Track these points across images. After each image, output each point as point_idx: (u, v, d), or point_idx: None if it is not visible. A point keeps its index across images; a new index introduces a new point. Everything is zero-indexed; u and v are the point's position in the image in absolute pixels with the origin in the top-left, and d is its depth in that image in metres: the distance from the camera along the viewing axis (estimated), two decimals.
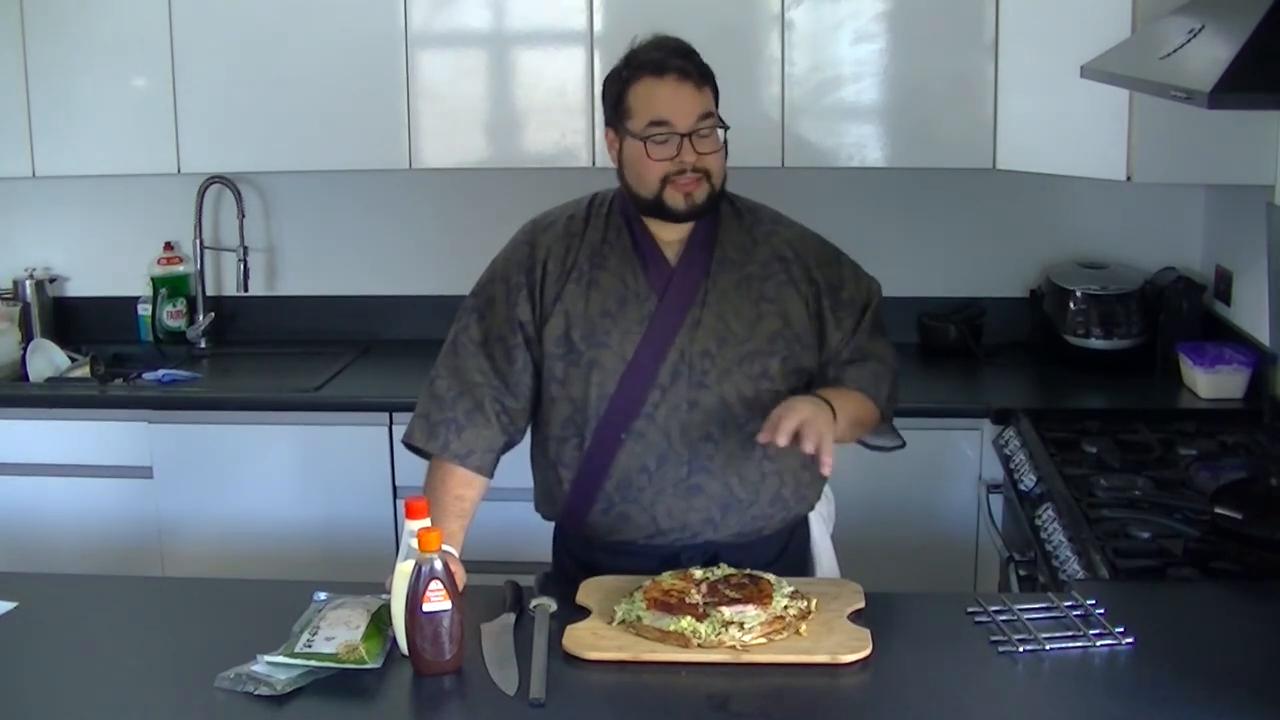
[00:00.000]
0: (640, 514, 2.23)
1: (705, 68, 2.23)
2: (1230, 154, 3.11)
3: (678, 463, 2.21)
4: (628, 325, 2.22)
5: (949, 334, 3.74)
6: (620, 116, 2.22)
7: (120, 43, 3.62)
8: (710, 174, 2.20)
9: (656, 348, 2.21)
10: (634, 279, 2.24)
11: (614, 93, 2.23)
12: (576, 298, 2.24)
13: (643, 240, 2.26)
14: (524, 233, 2.34)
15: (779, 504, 2.28)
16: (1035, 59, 3.31)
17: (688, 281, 2.24)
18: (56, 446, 3.53)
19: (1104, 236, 3.77)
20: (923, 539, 3.30)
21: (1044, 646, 1.90)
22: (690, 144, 2.17)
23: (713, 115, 2.20)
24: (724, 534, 2.24)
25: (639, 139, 2.18)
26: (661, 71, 2.18)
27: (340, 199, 4.00)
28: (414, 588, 1.85)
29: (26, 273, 4.05)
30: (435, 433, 2.26)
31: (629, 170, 2.23)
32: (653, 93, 2.18)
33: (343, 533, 3.42)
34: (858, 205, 3.84)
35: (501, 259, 2.34)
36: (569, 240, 2.28)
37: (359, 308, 4.03)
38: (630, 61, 2.23)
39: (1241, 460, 2.81)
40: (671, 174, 2.17)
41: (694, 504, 2.22)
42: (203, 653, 1.94)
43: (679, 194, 2.18)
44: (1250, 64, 1.95)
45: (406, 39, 3.55)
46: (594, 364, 2.22)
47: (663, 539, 2.24)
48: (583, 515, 2.28)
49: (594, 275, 2.25)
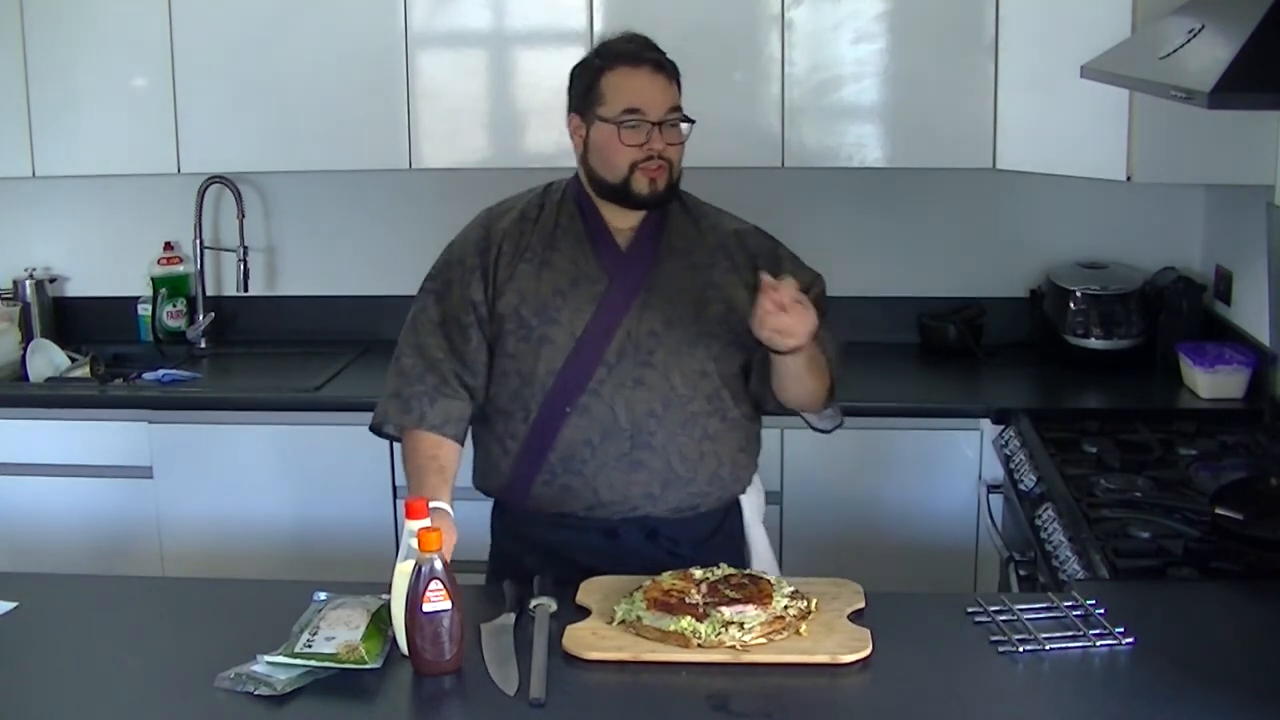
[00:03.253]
0: (582, 486, 2.30)
1: (674, 64, 2.34)
2: (1230, 154, 3.11)
3: (621, 438, 2.29)
4: (579, 304, 2.31)
5: (949, 334, 3.74)
6: (591, 103, 2.31)
7: (120, 43, 3.63)
8: (672, 164, 2.31)
9: (605, 326, 2.30)
10: (586, 261, 2.33)
11: (586, 80, 2.33)
12: (529, 276, 2.33)
13: (595, 226, 2.35)
14: (479, 218, 2.44)
15: (716, 482, 2.35)
16: (1035, 59, 3.31)
17: (637, 266, 2.34)
18: (56, 446, 3.53)
19: (1104, 236, 3.77)
20: (923, 539, 3.30)
21: (1044, 646, 1.90)
22: (659, 133, 2.28)
23: (680, 109, 2.31)
24: (662, 508, 2.31)
25: (612, 124, 2.27)
26: (638, 62, 2.29)
27: (340, 199, 4.00)
28: (414, 588, 1.85)
29: (26, 273, 4.05)
30: (409, 406, 2.33)
31: (596, 155, 2.32)
32: (628, 81, 2.28)
33: (343, 533, 3.42)
34: (858, 205, 3.84)
35: (458, 243, 2.43)
36: (523, 224, 2.37)
37: (359, 308, 4.03)
38: (603, 51, 2.34)
39: (1241, 460, 2.81)
40: (639, 161, 2.28)
41: (635, 478, 2.29)
42: (203, 653, 1.94)
43: (645, 179, 2.28)
44: (1250, 64, 1.96)
45: (406, 39, 3.55)
46: (544, 339, 2.30)
47: (603, 511, 2.31)
48: (525, 487, 2.34)
49: (547, 256, 2.34)
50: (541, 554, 2.32)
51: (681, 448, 2.30)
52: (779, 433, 3.33)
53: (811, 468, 3.35)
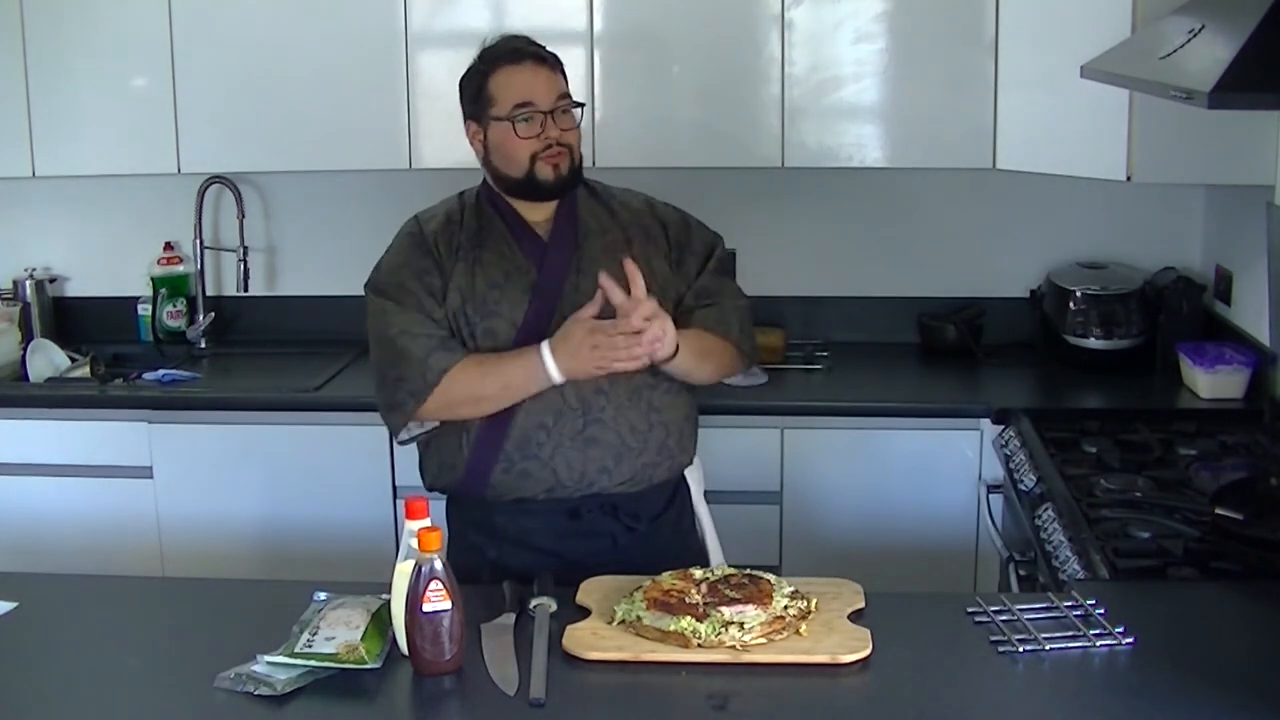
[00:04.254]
0: (540, 469, 2.37)
1: (555, 54, 2.45)
2: (1230, 154, 3.11)
3: (573, 417, 2.36)
4: (514, 295, 2.40)
5: (949, 334, 3.74)
6: (483, 106, 2.41)
7: (120, 43, 3.63)
8: (572, 149, 2.41)
9: (542, 313, 2.38)
10: (512, 254, 2.43)
11: (474, 86, 2.42)
12: (465, 274, 2.41)
13: (514, 222, 2.44)
14: (410, 225, 2.52)
15: (665, 452, 2.44)
16: (1035, 59, 3.31)
17: (561, 252, 2.43)
18: (56, 446, 3.53)
19: (1104, 236, 3.77)
20: (923, 539, 3.30)
21: (1044, 646, 1.90)
22: (553, 121, 2.37)
23: (568, 96, 2.42)
24: (617, 480, 2.39)
25: (505, 120, 2.37)
26: (519, 59, 2.41)
27: (340, 199, 4.00)
28: (414, 588, 1.85)
29: (26, 273, 4.05)
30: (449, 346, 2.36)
31: (497, 154, 2.41)
32: (513, 78, 2.39)
33: (343, 533, 3.42)
34: (858, 205, 3.84)
35: (394, 252, 2.49)
36: (451, 227, 2.46)
37: (359, 308, 3.96)
38: (485, 56, 2.44)
39: (1241, 460, 2.81)
40: (538, 151, 2.37)
41: (590, 454, 2.37)
42: (203, 653, 1.94)
43: (547, 166, 2.38)
44: (1250, 64, 1.96)
45: (406, 39, 3.55)
46: (488, 333, 2.38)
47: (562, 491, 2.37)
48: (483, 478, 2.39)
49: (477, 254, 2.42)
50: (501, 542, 2.41)
51: (631, 420, 2.38)
52: (779, 433, 3.33)
53: (811, 468, 3.35)
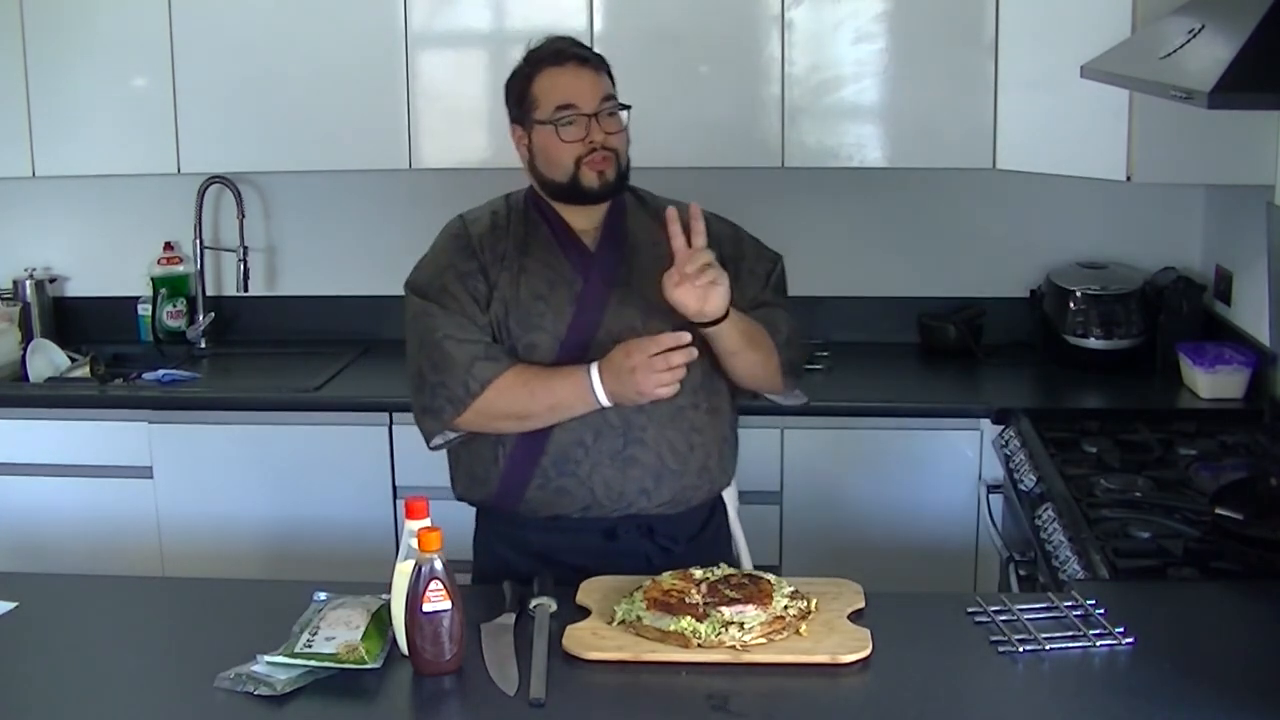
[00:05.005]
0: (578, 487, 2.30)
1: (600, 55, 2.37)
2: (1230, 154, 3.11)
3: (613, 435, 2.29)
4: (559, 306, 2.32)
5: (949, 334, 3.74)
6: (526, 110, 2.33)
7: (120, 43, 3.63)
8: (618, 153, 2.32)
9: (586, 327, 2.31)
10: (558, 263, 2.35)
11: (518, 89, 2.35)
12: (509, 284, 2.33)
13: (560, 230, 2.37)
14: (454, 226, 2.44)
15: (705, 475, 2.37)
16: (1035, 59, 3.31)
17: (607, 263, 2.35)
18: (56, 446, 3.53)
19: (1104, 236, 3.77)
20: (923, 539, 3.30)
21: (1044, 646, 1.90)
22: (597, 124, 2.29)
23: (614, 98, 2.33)
24: (656, 503, 2.32)
25: (548, 124, 2.29)
26: (561, 60, 2.32)
27: (340, 199, 4.00)
28: (414, 588, 1.85)
29: (26, 273, 4.05)
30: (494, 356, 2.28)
31: (541, 158, 2.34)
32: (556, 80, 2.31)
33: (343, 533, 3.42)
34: (858, 205, 3.84)
35: (438, 250, 2.42)
36: (497, 232, 2.38)
37: (359, 308, 4.03)
38: (529, 58, 2.35)
39: (1241, 460, 2.81)
40: (583, 155, 2.29)
41: (629, 474, 2.30)
42: (203, 653, 1.94)
43: (592, 172, 2.29)
44: (1250, 64, 1.95)
45: (406, 39, 3.55)
46: (531, 347, 2.31)
47: (599, 510, 2.31)
48: (517, 493, 2.34)
49: (522, 263, 2.34)
50: (532, 558, 2.30)
51: (672, 441, 2.32)
52: (779, 433, 3.33)
53: (811, 468, 3.35)
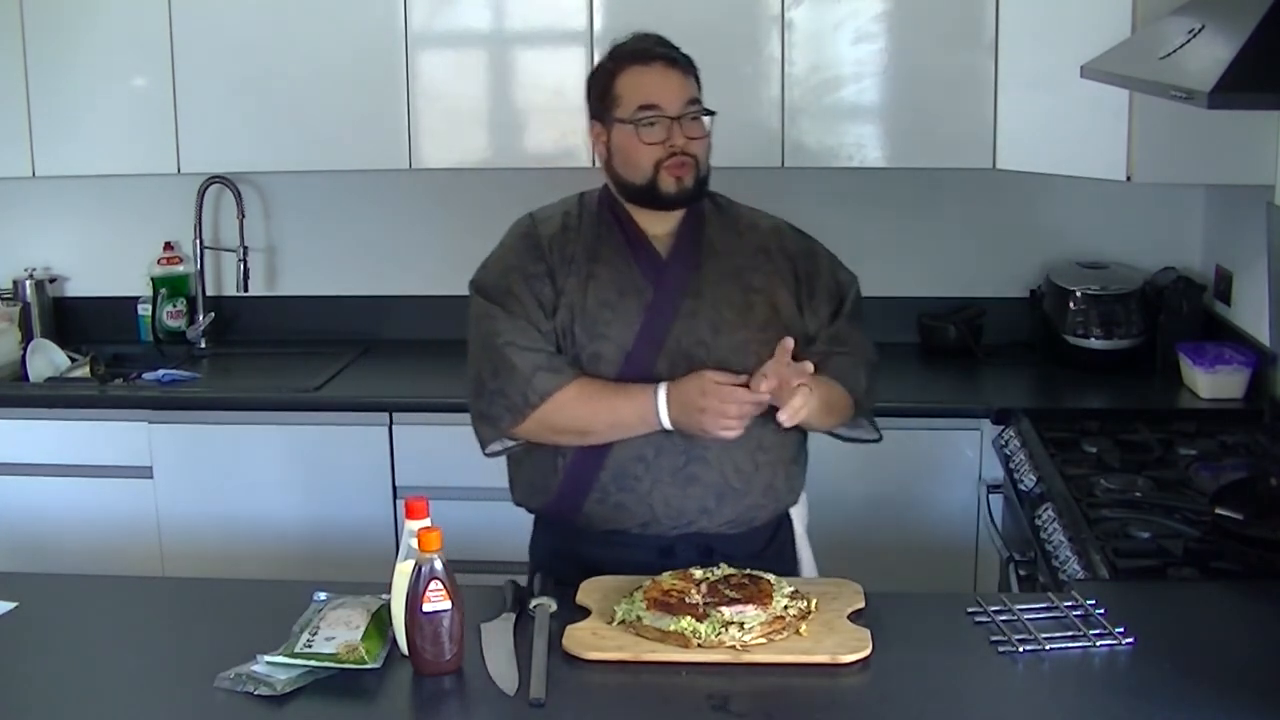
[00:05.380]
0: (637, 504, 2.25)
1: (688, 57, 2.29)
2: (1230, 154, 3.11)
3: (675, 452, 2.23)
4: (627, 316, 2.25)
5: (949, 334, 3.74)
6: (608, 107, 2.27)
7: (120, 43, 3.63)
8: (698, 159, 2.25)
9: (654, 338, 2.24)
10: (629, 270, 2.28)
11: (600, 85, 2.29)
12: (577, 290, 2.26)
13: (633, 235, 2.30)
14: (524, 225, 2.35)
15: (770, 494, 2.31)
16: (1035, 59, 3.31)
17: (679, 273, 2.28)
18: (56, 446, 3.53)
19: (1104, 236, 3.77)
20: (923, 539, 3.30)
21: (1044, 646, 1.90)
22: (679, 127, 2.22)
23: (699, 101, 2.26)
24: (718, 522, 2.26)
25: (629, 124, 2.23)
26: (648, 59, 2.25)
27: (340, 199, 4.00)
28: (414, 588, 1.85)
29: (26, 273, 4.05)
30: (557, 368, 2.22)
31: (619, 158, 2.27)
32: (641, 79, 2.24)
33: (343, 533, 3.42)
34: (858, 205, 3.84)
35: (506, 250, 2.34)
36: (567, 234, 2.31)
37: (359, 308, 4.03)
38: (615, 53, 2.29)
39: (1241, 460, 2.81)
40: (662, 159, 2.22)
41: (690, 493, 2.24)
42: (203, 653, 1.94)
43: (670, 177, 2.23)
44: (1250, 64, 1.95)
45: (406, 39, 3.55)
46: (595, 356, 2.24)
47: (657, 528, 2.26)
48: (576, 505, 2.28)
49: (591, 269, 2.28)
50: (587, 571, 2.19)
51: (736, 460, 2.25)
52: None
53: (811, 468, 3.33)
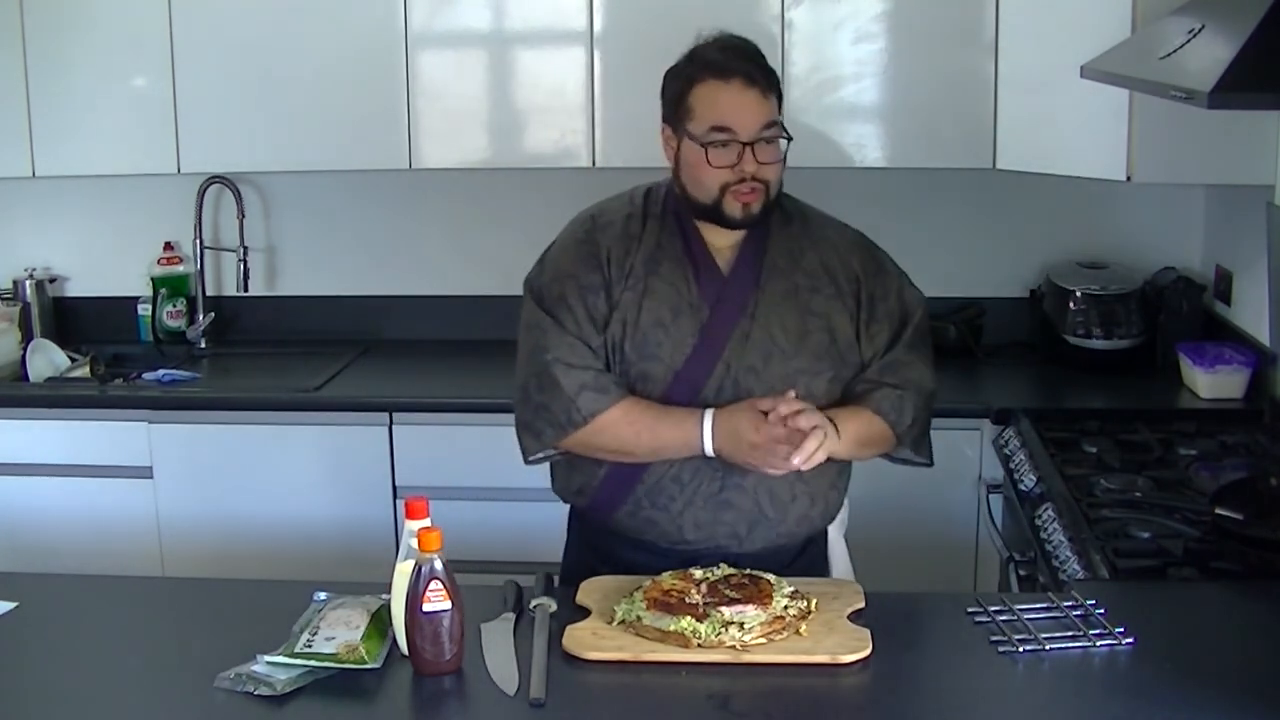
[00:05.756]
0: (668, 522, 2.22)
1: (772, 73, 2.18)
2: (1230, 154, 3.10)
3: (711, 476, 2.19)
4: (680, 336, 2.19)
5: (949, 334, 3.74)
6: (680, 116, 2.16)
7: (120, 43, 3.62)
8: (769, 184, 2.16)
9: (705, 361, 2.18)
10: (687, 288, 2.20)
11: (675, 90, 2.18)
12: (631, 305, 2.20)
13: (696, 246, 2.22)
14: (582, 229, 2.27)
15: (805, 523, 2.27)
16: (1035, 59, 3.31)
17: (739, 291, 2.21)
18: (56, 446, 3.53)
19: (1104, 236, 3.77)
20: (923, 539, 3.30)
21: (1044, 646, 1.90)
22: (752, 153, 2.12)
23: (777, 124, 2.15)
24: (748, 549, 2.22)
25: (700, 144, 2.13)
26: (727, 75, 2.13)
27: (340, 199, 4.00)
28: (414, 588, 1.85)
29: (26, 273, 4.05)
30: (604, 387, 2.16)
31: (686, 173, 2.18)
32: (717, 96, 2.13)
33: (343, 533, 3.42)
34: (858, 205, 3.82)
35: (563, 253, 2.26)
36: (627, 242, 2.22)
37: (359, 308, 4.03)
38: (694, 59, 2.17)
39: (1241, 460, 2.81)
40: (730, 182, 2.13)
41: (722, 518, 2.21)
42: (203, 653, 1.94)
43: (737, 204, 2.14)
44: (1250, 64, 1.95)
45: (406, 39, 3.55)
46: (643, 376, 2.20)
47: (686, 547, 2.22)
48: (609, 513, 2.26)
49: (649, 282, 2.20)
50: (616, 569, 2.19)
51: (773, 489, 2.20)
52: None
53: None
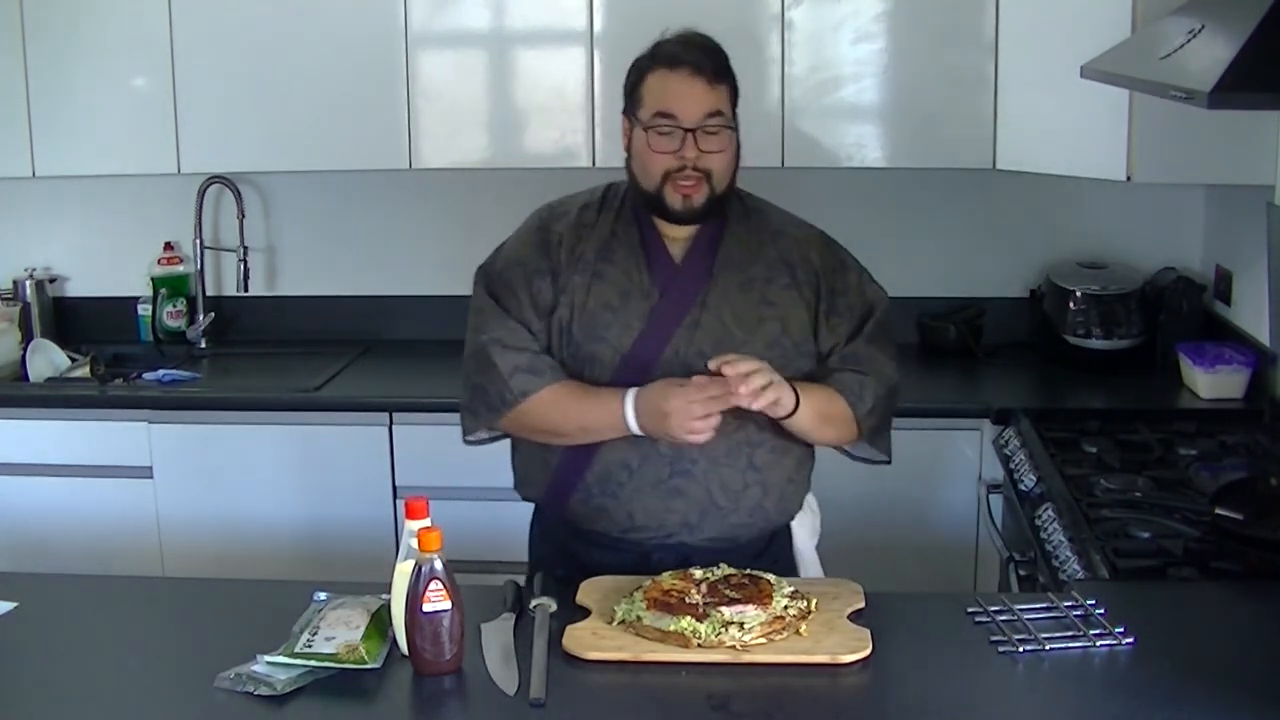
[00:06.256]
0: (617, 509, 2.23)
1: (723, 66, 2.21)
2: (1230, 154, 3.11)
3: (660, 463, 2.20)
4: (628, 320, 2.22)
5: (949, 334, 3.74)
6: (633, 105, 2.23)
7: (120, 43, 3.63)
8: (712, 175, 2.18)
9: (653, 346, 2.20)
10: (638, 274, 2.23)
11: (631, 80, 2.24)
12: (580, 290, 2.23)
13: (650, 236, 2.25)
14: (537, 217, 2.32)
15: (759, 514, 2.27)
16: (1035, 59, 3.31)
17: (691, 281, 2.23)
18: (56, 446, 3.53)
19: (1104, 236, 3.77)
20: (923, 539, 3.30)
21: (1044, 646, 1.90)
22: (694, 140, 2.15)
23: (722, 114, 2.18)
24: (698, 538, 2.23)
25: (645, 129, 2.18)
26: (675, 64, 2.18)
27: (340, 199, 4.00)
28: (414, 588, 1.85)
29: (26, 273, 4.05)
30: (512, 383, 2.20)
31: (635, 161, 2.23)
32: (664, 84, 2.18)
33: (343, 533, 3.42)
34: (858, 205, 3.84)
35: (513, 245, 2.31)
36: (580, 230, 2.26)
37: (359, 308, 4.03)
38: (652, 51, 2.23)
39: (1241, 460, 2.81)
40: (672, 170, 2.16)
41: (671, 505, 2.21)
42: (203, 653, 1.94)
43: (677, 194, 2.18)
44: (1250, 64, 1.95)
45: (406, 39, 3.55)
46: (591, 358, 2.22)
47: (637, 535, 2.24)
48: (562, 502, 2.28)
49: (599, 268, 2.24)
50: (576, 569, 2.21)
51: (724, 478, 2.21)
52: None
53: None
